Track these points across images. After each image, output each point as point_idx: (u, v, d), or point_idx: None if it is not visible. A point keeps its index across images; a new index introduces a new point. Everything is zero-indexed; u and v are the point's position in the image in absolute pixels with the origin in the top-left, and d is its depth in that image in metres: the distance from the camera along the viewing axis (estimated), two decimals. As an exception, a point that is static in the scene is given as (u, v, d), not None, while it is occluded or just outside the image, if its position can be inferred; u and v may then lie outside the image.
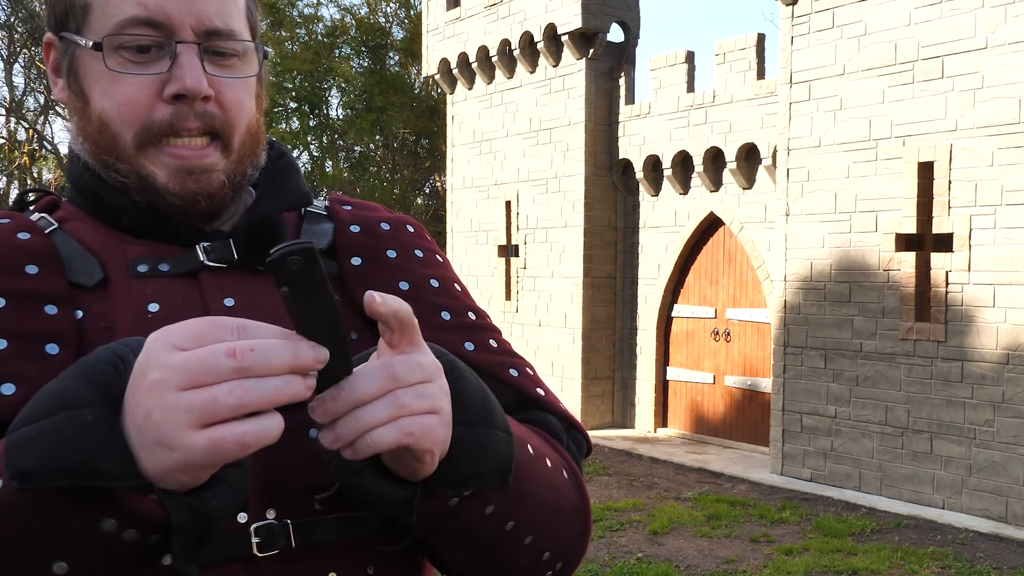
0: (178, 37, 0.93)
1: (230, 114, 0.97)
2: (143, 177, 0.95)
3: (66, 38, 0.97)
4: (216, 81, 0.95)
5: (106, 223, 0.98)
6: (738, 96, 10.17)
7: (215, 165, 0.96)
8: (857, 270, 8.49)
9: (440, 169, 21.24)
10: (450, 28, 13.49)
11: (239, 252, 0.98)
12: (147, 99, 0.94)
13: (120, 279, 0.95)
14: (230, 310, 0.94)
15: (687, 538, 7.00)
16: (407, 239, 1.08)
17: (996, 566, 6.39)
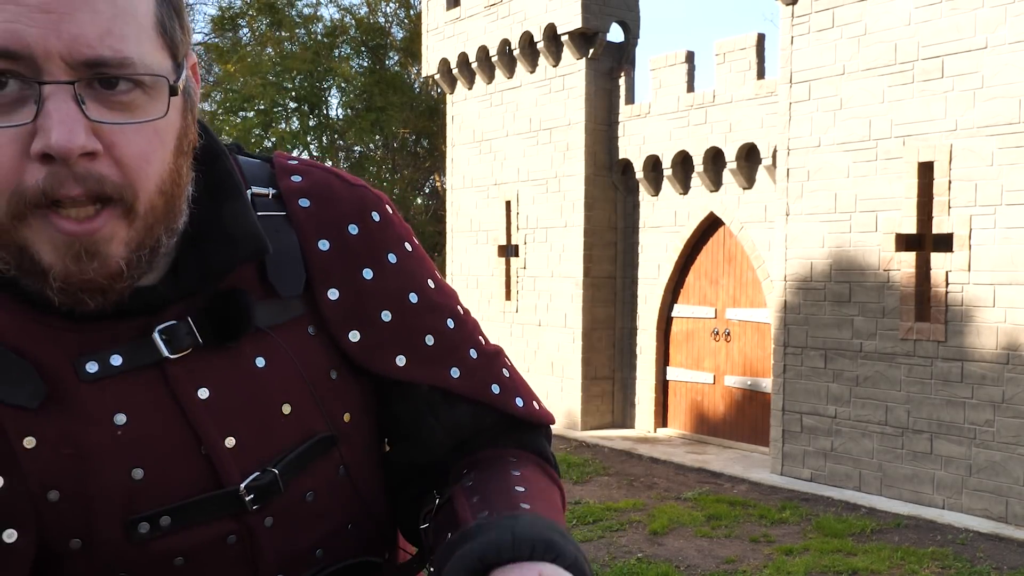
0: (44, 75, 0.71)
1: (130, 172, 0.75)
2: (24, 255, 0.74)
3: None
4: (105, 130, 0.73)
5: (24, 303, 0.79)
6: (738, 96, 10.17)
7: (109, 238, 0.75)
8: (857, 270, 8.49)
9: (440, 169, 21.24)
10: (450, 28, 13.49)
11: (202, 333, 0.84)
12: (11, 160, 0.71)
13: (68, 387, 0.79)
14: (206, 403, 0.84)
15: (687, 538, 6.99)
16: (377, 243, 0.96)
17: (996, 566, 6.39)
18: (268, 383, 0.87)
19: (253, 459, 0.86)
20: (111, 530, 0.81)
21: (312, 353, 0.91)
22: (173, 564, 0.84)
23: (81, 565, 0.82)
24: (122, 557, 0.82)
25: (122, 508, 0.81)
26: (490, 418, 1.02)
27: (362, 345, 0.93)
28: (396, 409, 0.99)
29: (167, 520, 0.82)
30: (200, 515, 0.84)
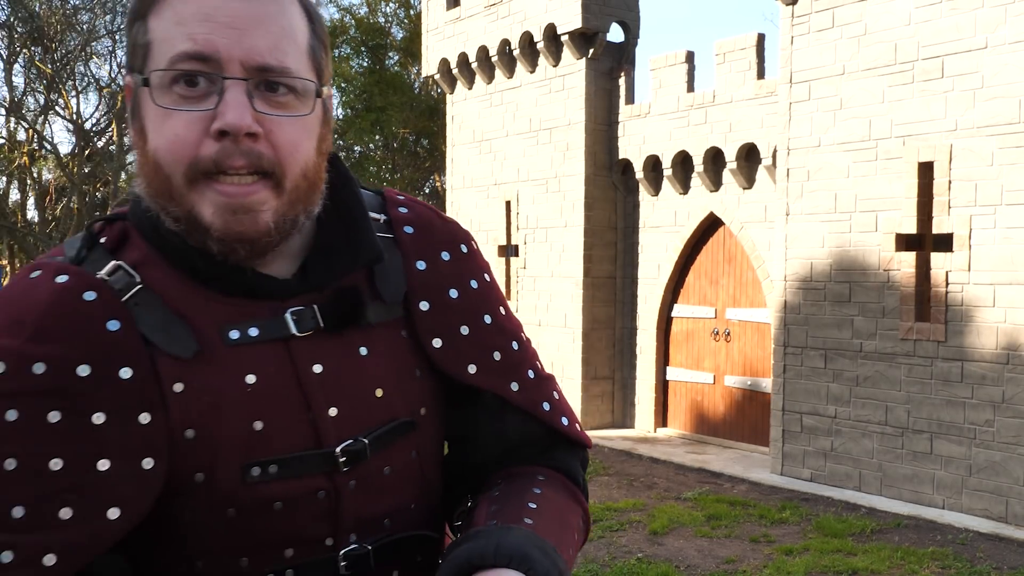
0: (226, 73, 0.93)
1: (282, 153, 0.96)
2: (192, 217, 0.95)
3: (133, 79, 0.98)
4: (267, 119, 0.95)
5: (185, 272, 0.99)
6: (738, 96, 10.17)
7: (262, 204, 0.96)
8: (857, 270, 8.49)
9: (440, 169, 21.25)
10: (450, 28, 13.49)
11: (326, 321, 1.04)
12: (195, 136, 0.93)
13: (214, 348, 0.99)
14: (319, 376, 1.03)
15: (687, 538, 6.99)
16: (464, 270, 1.17)
17: (996, 566, 6.39)
18: (367, 369, 1.06)
19: (348, 429, 1.04)
20: (229, 470, 0.98)
21: (403, 352, 1.10)
22: (272, 508, 1.01)
23: (199, 498, 0.98)
24: (233, 495, 0.99)
25: (241, 453, 0.99)
26: (536, 432, 1.19)
27: (443, 351, 1.12)
28: (460, 412, 1.17)
29: (275, 468, 1.00)
30: (301, 468, 1.01)
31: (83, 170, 26.46)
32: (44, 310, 0.93)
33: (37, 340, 0.92)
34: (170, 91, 0.94)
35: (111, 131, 27.88)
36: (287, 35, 0.97)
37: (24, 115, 27.43)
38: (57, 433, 0.91)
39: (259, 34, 0.94)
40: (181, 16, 0.93)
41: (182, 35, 0.93)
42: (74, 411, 0.91)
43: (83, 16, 27.09)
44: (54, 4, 26.24)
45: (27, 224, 28.89)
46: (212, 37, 0.92)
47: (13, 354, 0.91)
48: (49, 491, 0.90)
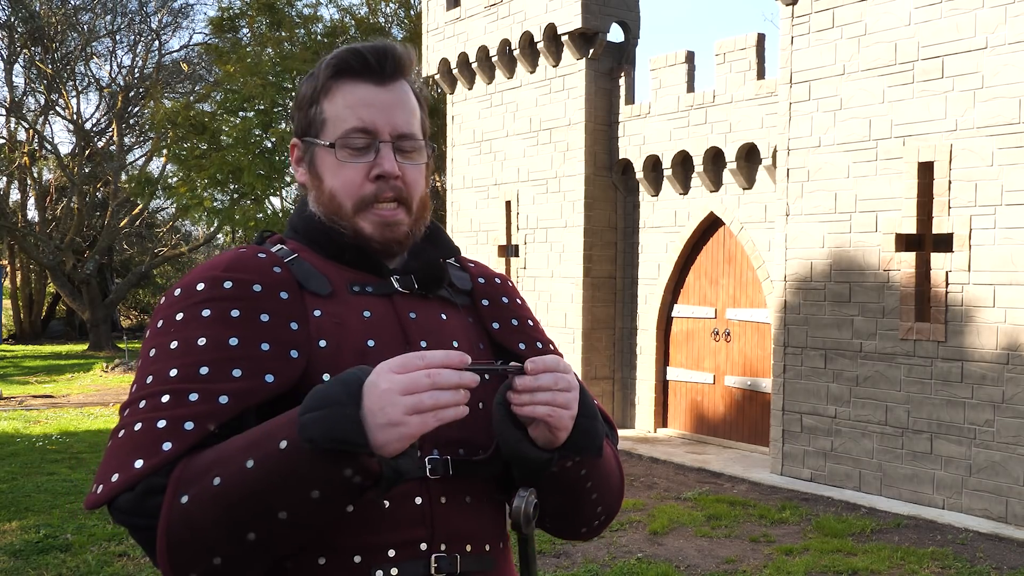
0: (380, 138, 1.43)
1: (411, 188, 1.46)
2: (357, 230, 1.44)
3: (308, 141, 1.48)
4: (402, 167, 1.44)
5: (325, 256, 1.45)
6: (738, 96, 10.17)
7: (402, 221, 1.45)
8: (857, 270, 8.49)
9: (440, 169, 21.24)
10: (450, 28, 13.48)
11: (419, 283, 1.48)
12: (360, 179, 1.43)
13: (342, 293, 1.42)
14: (414, 321, 1.44)
15: (687, 538, 6.99)
16: (510, 291, 1.63)
17: (996, 566, 6.39)
18: (446, 326, 1.48)
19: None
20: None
21: (470, 329, 1.53)
22: None
23: None
24: None
25: (357, 360, 1.35)
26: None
27: (500, 331, 1.56)
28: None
29: None
30: None
31: (83, 170, 26.44)
32: (232, 258, 1.39)
33: (227, 271, 1.36)
34: (343, 149, 1.43)
35: (111, 131, 27.87)
36: (412, 112, 1.47)
37: (24, 115, 27.41)
38: (236, 322, 1.32)
39: (398, 113, 1.44)
40: (350, 102, 1.43)
41: (353, 116, 1.43)
42: (249, 310, 1.33)
43: (84, 16, 27.08)
44: (54, 4, 26.23)
45: (27, 224, 28.87)
46: (373, 118, 1.43)
47: (210, 277, 1.36)
48: (227, 357, 1.30)
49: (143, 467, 1.22)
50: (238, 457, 1.20)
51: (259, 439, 1.20)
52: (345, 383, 1.18)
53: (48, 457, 9.79)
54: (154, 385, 1.29)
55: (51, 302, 32.87)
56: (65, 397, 15.44)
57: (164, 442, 1.23)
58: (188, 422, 1.24)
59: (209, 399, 1.26)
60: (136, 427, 1.26)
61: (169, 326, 1.34)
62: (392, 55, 1.46)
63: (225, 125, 19.54)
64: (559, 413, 1.29)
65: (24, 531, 6.82)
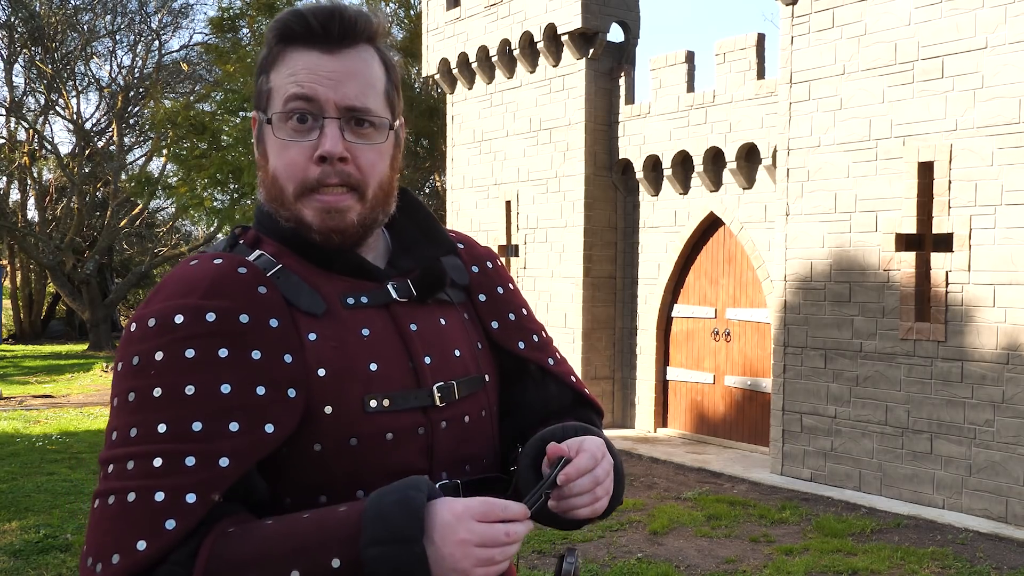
0: (324, 113, 1.26)
1: (364, 172, 1.29)
2: (298, 218, 1.28)
3: (258, 116, 1.32)
4: (353, 147, 1.28)
5: (310, 262, 1.31)
6: (738, 96, 10.17)
7: (349, 208, 1.28)
8: (857, 270, 8.49)
9: (440, 169, 21.24)
10: (450, 28, 13.48)
11: (417, 290, 1.36)
12: (303, 161, 1.27)
13: (336, 309, 1.28)
14: (415, 334, 1.34)
15: (687, 538, 6.99)
16: (503, 275, 1.53)
17: (996, 566, 6.39)
18: (447, 333, 1.38)
19: (439, 374, 1.33)
20: (352, 402, 1.24)
21: (468, 328, 1.43)
22: (385, 439, 1.27)
23: (328, 430, 1.23)
24: (355, 425, 1.24)
25: (361, 386, 1.25)
26: (568, 398, 1.52)
27: (500, 331, 1.47)
28: (512, 389, 1.48)
29: (387, 401, 1.27)
30: (406, 403, 1.28)
31: (83, 170, 26.44)
32: (210, 278, 1.22)
33: (207, 297, 1.20)
34: (285, 127, 1.27)
35: (111, 131, 27.87)
36: (369, 84, 1.29)
37: (24, 115, 27.41)
38: (226, 364, 1.18)
39: (349, 84, 1.27)
40: (293, 70, 1.28)
41: (293, 83, 1.27)
42: (238, 347, 1.19)
43: (84, 16, 27.08)
44: (54, 4, 26.23)
45: (27, 224, 28.87)
46: (315, 85, 1.26)
47: (190, 308, 1.19)
48: (221, 409, 1.16)
49: (147, 550, 1.10)
50: (281, 564, 1.10)
51: (306, 546, 1.11)
52: (411, 513, 1.10)
53: (48, 457, 9.79)
54: (141, 442, 1.15)
55: (51, 302, 32.87)
56: (65, 397, 15.45)
57: (167, 519, 1.11)
58: (190, 494, 1.12)
59: (208, 463, 1.14)
60: (129, 498, 1.12)
61: (148, 367, 1.18)
62: (341, 17, 1.28)
63: (225, 125, 19.54)
64: (600, 506, 1.26)
65: (24, 531, 6.82)
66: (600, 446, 1.28)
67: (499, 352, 1.47)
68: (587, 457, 1.24)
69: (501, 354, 1.47)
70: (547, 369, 1.49)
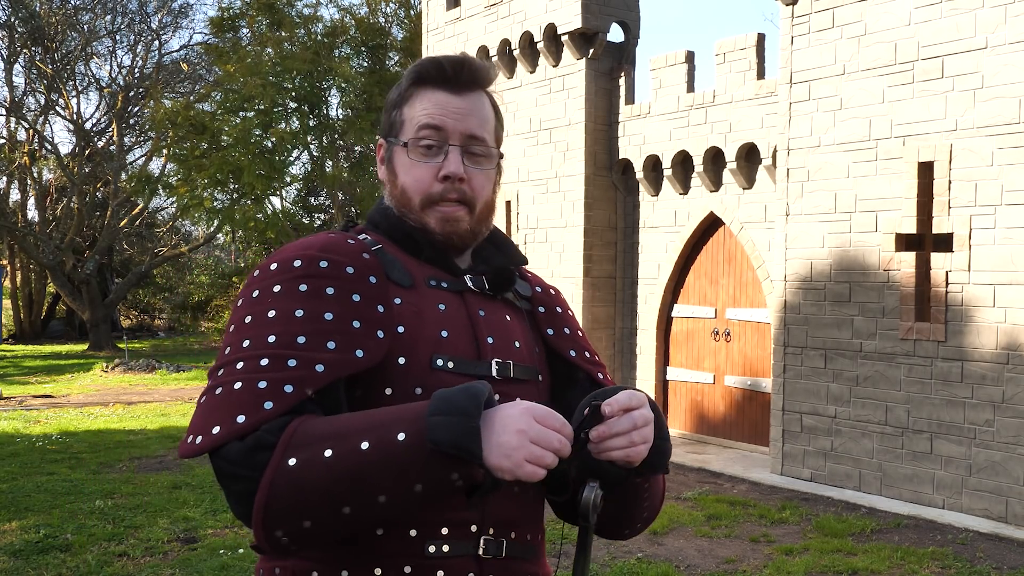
0: (450, 141, 1.54)
1: (476, 191, 1.56)
2: (423, 224, 1.55)
3: (390, 141, 1.60)
4: (468, 171, 1.55)
5: (405, 251, 1.56)
6: (738, 96, 10.17)
7: (463, 219, 1.56)
8: (857, 270, 8.49)
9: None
10: (450, 28, 13.48)
11: (489, 285, 1.59)
12: (429, 178, 1.54)
13: (420, 285, 1.53)
14: (482, 318, 1.55)
15: (687, 538, 6.99)
16: (562, 301, 1.76)
17: (996, 566, 6.39)
18: (510, 326, 1.60)
19: (499, 353, 1.54)
20: (422, 358, 1.46)
21: (529, 332, 1.65)
22: None
23: (399, 378, 1.44)
24: (422, 377, 1.45)
25: (431, 347, 1.47)
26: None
27: (555, 338, 1.68)
28: (562, 397, 1.64)
29: (451, 363, 1.48)
30: (467, 368, 1.49)
31: (83, 170, 26.44)
32: (325, 239, 1.50)
33: (322, 251, 1.46)
34: (415, 150, 1.55)
35: (111, 131, 27.85)
36: (486, 120, 1.57)
37: (24, 115, 27.41)
38: (332, 298, 1.42)
39: (470, 119, 1.55)
40: (425, 106, 1.55)
41: (426, 115, 1.54)
42: (343, 289, 1.44)
43: (84, 16, 27.07)
44: (54, 4, 26.22)
45: (27, 224, 28.87)
46: (444, 118, 1.53)
47: (307, 256, 1.45)
48: (323, 330, 1.39)
49: (246, 422, 1.29)
50: (354, 437, 1.27)
51: (378, 424, 1.28)
52: (473, 396, 1.27)
53: (48, 457, 9.79)
54: (252, 349, 1.37)
55: (51, 302, 32.86)
56: (65, 397, 15.44)
57: (266, 401, 1.31)
58: (288, 385, 1.32)
59: (307, 366, 1.35)
60: (236, 385, 1.33)
61: (266, 296, 1.42)
62: (469, 66, 1.56)
63: (225, 125, 19.53)
64: (636, 452, 1.37)
65: (24, 531, 6.82)
66: (643, 398, 1.40)
67: (554, 360, 1.66)
68: (627, 396, 1.38)
69: (556, 361, 1.67)
70: (596, 380, 1.67)
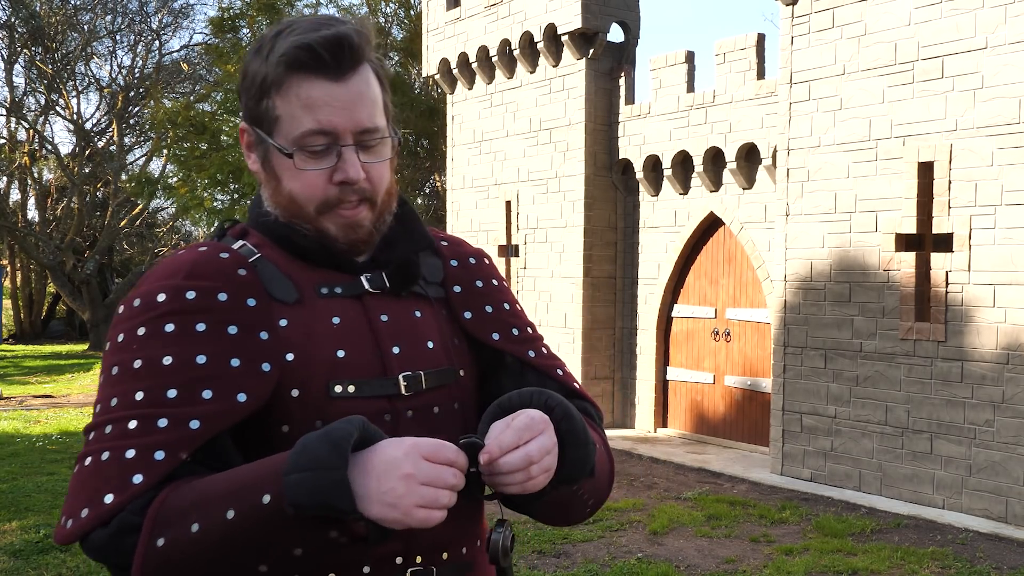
0: (342, 141, 1.33)
1: (376, 185, 1.38)
2: (321, 232, 1.36)
3: (261, 135, 1.37)
4: (366, 166, 1.35)
5: (291, 254, 1.37)
6: (738, 96, 10.17)
7: (365, 220, 1.37)
8: (857, 270, 8.49)
9: (440, 169, 21.25)
10: (450, 28, 13.48)
11: (390, 282, 1.41)
12: (322, 183, 1.34)
13: (309, 298, 1.35)
14: (385, 324, 1.38)
15: (687, 538, 6.99)
16: (485, 271, 1.54)
17: (996, 566, 6.39)
18: (420, 325, 1.41)
19: (407, 364, 1.37)
20: (318, 386, 1.30)
21: (444, 323, 1.45)
22: None
23: (295, 412, 1.29)
24: (320, 408, 1.29)
25: (327, 372, 1.30)
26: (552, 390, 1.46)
27: (472, 321, 1.47)
28: (490, 383, 1.48)
29: (352, 388, 1.31)
30: (371, 389, 1.33)
31: (83, 170, 26.44)
32: (192, 261, 1.31)
33: (189, 279, 1.28)
34: (301, 154, 1.33)
35: (111, 131, 27.85)
36: (374, 103, 1.36)
37: (24, 115, 27.41)
38: (202, 337, 1.25)
39: (359, 109, 1.33)
40: (305, 102, 1.32)
41: (310, 118, 1.31)
42: (216, 322, 1.26)
43: (84, 16, 27.07)
44: (54, 4, 26.22)
45: (27, 224, 28.86)
46: (332, 119, 1.31)
47: (171, 287, 1.28)
48: (195, 378, 1.23)
49: (114, 502, 1.16)
50: (219, 505, 1.14)
51: (241, 488, 1.14)
52: (335, 443, 1.10)
53: (48, 457, 9.79)
54: (119, 409, 1.23)
55: (51, 302, 32.87)
56: (65, 397, 15.44)
57: (134, 474, 1.17)
58: (159, 451, 1.19)
59: (179, 425, 1.21)
60: (103, 456, 1.20)
61: (131, 342, 1.26)
62: (348, 45, 1.32)
63: (225, 125, 19.54)
64: (534, 484, 1.21)
65: (24, 531, 6.83)
66: (539, 421, 1.22)
67: (479, 347, 1.48)
68: (518, 429, 1.20)
69: (481, 349, 1.48)
70: (526, 361, 1.48)
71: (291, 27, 1.34)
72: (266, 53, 1.34)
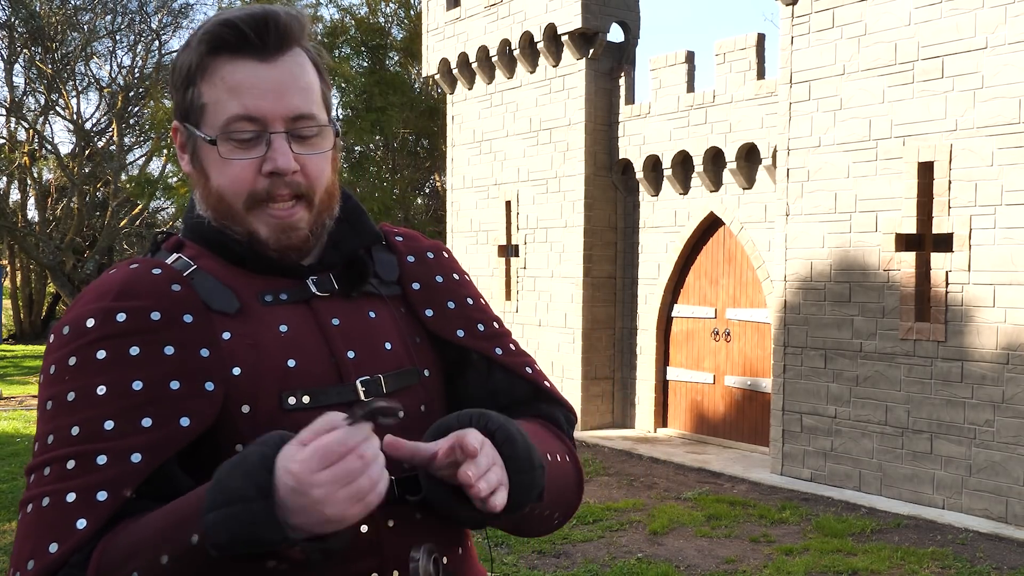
0: (271, 129, 1.23)
1: (312, 181, 1.27)
2: (251, 233, 1.26)
3: (189, 129, 1.28)
4: (301, 157, 1.25)
5: (229, 262, 1.28)
6: (738, 96, 10.17)
7: (301, 221, 1.26)
8: (857, 270, 8.49)
9: (440, 169, 21.26)
10: (450, 28, 13.48)
11: (339, 283, 1.32)
12: (250, 176, 1.24)
13: (253, 307, 1.26)
14: (337, 328, 1.29)
15: (687, 538, 6.99)
16: (445, 265, 1.45)
17: (996, 566, 6.39)
18: (375, 326, 1.32)
19: (364, 368, 1.28)
20: (269, 399, 1.21)
21: (403, 321, 1.36)
22: None
23: (246, 429, 1.19)
24: (274, 423, 1.18)
25: (278, 383, 1.22)
26: (522, 391, 1.43)
27: (434, 319, 1.38)
28: (456, 383, 1.41)
29: (306, 398, 1.23)
30: (327, 398, 1.23)
31: (83, 170, 26.44)
32: (122, 281, 1.22)
33: (118, 299, 1.20)
34: (227, 143, 1.23)
35: (111, 131, 27.86)
36: (308, 89, 1.26)
37: (24, 115, 27.41)
38: (137, 362, 1.17)
39: (291, 94, 1.23)
40: (230, 85, 1.22)
41: (235, 103, 1.22)
42: (150, 344, 1.18)
43: (84, 16, 27.07)
44: (54, 4, 26.23)
45: (27, 224, 28.86)
46: (259, 102, 1.22)
47: (100, 310, 1.19)
48: (132, 406, 1.15)
49: (59, 552, 1.10)
50: (153, 549, 1.07)
51: (171, 528, 1.07)
52: (247, 472, 1.02)
53: (48, 457, 9.78)
54: (56, 447, 1.15)
55: (51, 302, 32.87)
56: (65, 397, 15.43)
57: (78, 519, 1.10)
58: (100, 491, 1.11)
59: (120, 460, 1.12)
60: (44, 503, 1.13)
61: (63, 373, 1.18)
62: (275, 23, 1.23)
63: (225, 125, 19.51)
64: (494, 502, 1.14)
65: (24, 531, 6.82)
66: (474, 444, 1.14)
67: (442, 345, 1.39)
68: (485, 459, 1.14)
69: (445, 347, 1.39)
70: (493, 359, 1.40)
71: (218, 14, 1.27)
72: (192, 40, 1.26)
